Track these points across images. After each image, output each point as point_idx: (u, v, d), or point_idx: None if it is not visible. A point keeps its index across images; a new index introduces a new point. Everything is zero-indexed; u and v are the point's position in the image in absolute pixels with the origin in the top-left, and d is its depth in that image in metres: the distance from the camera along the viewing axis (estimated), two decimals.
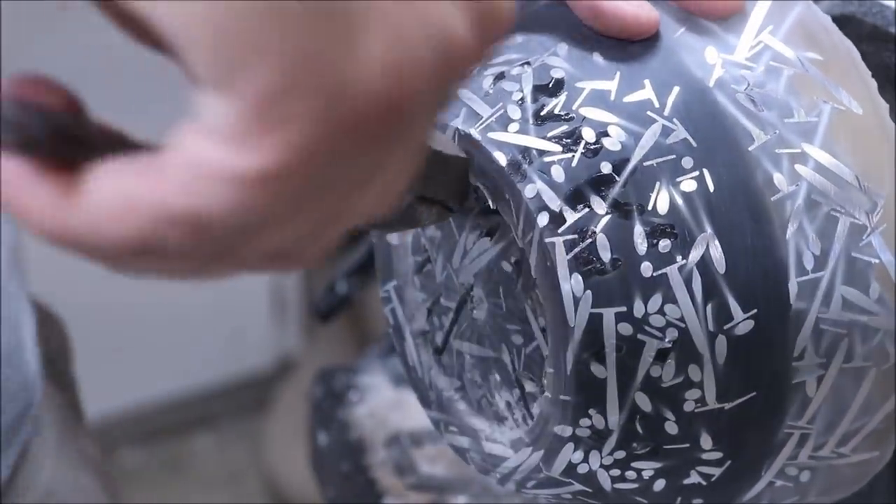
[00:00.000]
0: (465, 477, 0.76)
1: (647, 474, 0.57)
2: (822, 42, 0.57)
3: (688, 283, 0.54)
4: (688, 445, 0.57)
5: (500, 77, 0.58)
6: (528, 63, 0.58)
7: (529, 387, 0.59)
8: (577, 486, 0.59)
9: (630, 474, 0.58)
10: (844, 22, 0.62)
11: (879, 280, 0.56)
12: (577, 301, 0.55)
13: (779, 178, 0.55)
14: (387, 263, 0.64)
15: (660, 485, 0.58)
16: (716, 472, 0.58)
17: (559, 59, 0.58)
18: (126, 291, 1.90)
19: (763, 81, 0.56)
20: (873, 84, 0.57)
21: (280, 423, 1.80)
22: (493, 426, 0.61)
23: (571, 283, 0.55)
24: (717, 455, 0.57)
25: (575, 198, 0.55)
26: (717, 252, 0.55)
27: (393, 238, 0.63)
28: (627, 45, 0.57)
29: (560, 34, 0.59)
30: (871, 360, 0.57)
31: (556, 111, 0.56)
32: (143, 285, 0.57)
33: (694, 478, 0.58)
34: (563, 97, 0.56)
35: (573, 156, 0.55)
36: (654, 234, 0.54)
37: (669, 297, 0.54)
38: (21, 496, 0.71)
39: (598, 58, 0.57)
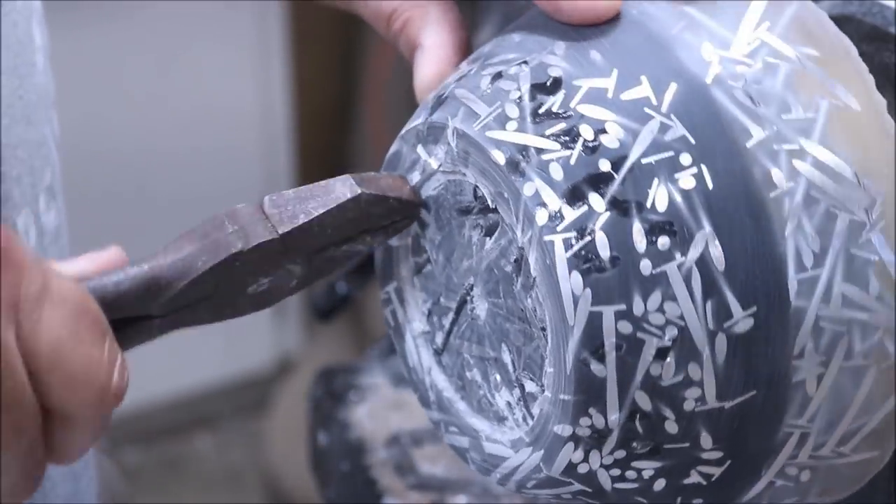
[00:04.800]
0: (465, 477, 0.76)
1: (647, 474, 0.57)
2: (820, 38, 0.57)
3: (687, 280, 0.54)
4: (688, 444, 0.56)
5: (497, 76, 0.58)
6: (525, 62, 0.58)
7: (529, 386, 0.59)
8: (578, 486, 0.58)
9: (630, 474, 0.57)
10: (844, 22, 0.62)
11: (879, 277, 0.56)
12: (576, 299, 0.54)
13: (777, 175, 0.55)
14: (386, 265, 0.64)
15: (660, 484, 0.58)
16: (716, 471, 0.57)
17: (557, 57, 0.58)
18: None
19: (760, 78, 0.56)
20: (871, 80, 0.57)
21: (280, 423, 1.80)
22: (493, 426, 0.61)
23: (571, 282, 0.54)
24: (718, 454, 0.57)
25: (573, 195, 0.55)
26: (716, 250, 0.54)
27: (393, 240, 0.63)
28: (625, 43, 0.57)
29: (557, 33, 0.59)
30: (870, 358, 0.56)
31: (554, 109, 0.56)
32: None
33: (694, 477, 0.58)
34: (560, 95, 0.56)
35: (571, 153, 0.55)
36: (652, 232, 0.54)
37: (669, 295, 0.54)
38: None
39: (595, 55, 0.57)
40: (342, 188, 0.57)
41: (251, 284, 0.57)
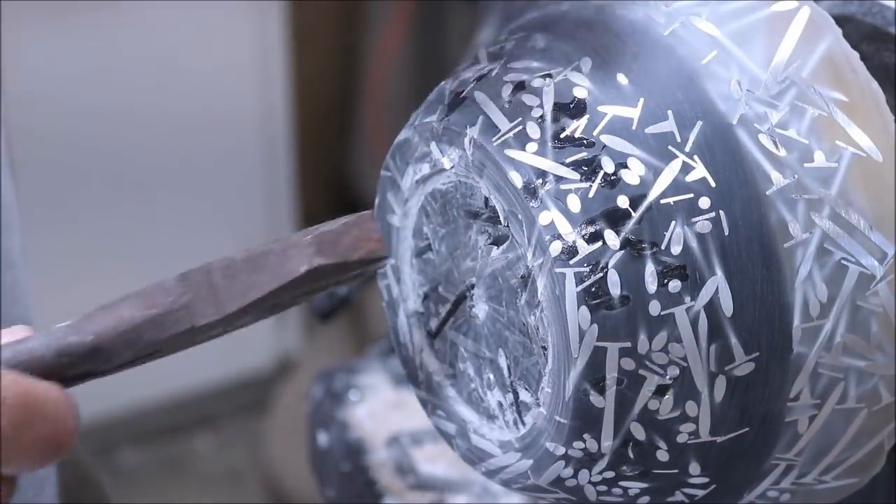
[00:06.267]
0: (465, 477, 0.77)
1: (632, 492, 0.58)
2: (849, 82, 0.56)
3: (694, 324, 0.54)
4: (676, 471, 0.57)
5: (520, 87, 0.57)
6: (549, 76, 0.57)
7: (524, 395, 0.59)
8: (563, 495, 0.59)
9: (616, 491, 0.58)
10: (844, 22, 0.62)
11: (881, 327, 0.56)
12: (582, 333, 0.54)
13: (794, 226, 0.55)
14: (385, 241, 0.64)
15: (644, 501, 0.59)
16: (700, 493, 0.58)
17: (582, 75, 0.57)
18: (126, 291, 1.86)
19: (786, 122, 0.55)
20: (893, 127, 0.57)
21: (280, 423, 1.79)
22: (482, 420, 0.61)
23: (579, 316, 0.54)
24: (704, 480, 0.58)
25: (589, 230, 0.54)
26: (725, 296, 0.54)
27: (394, 219, 0.63)
28: (653, 69, 0.56)
29: (584, 46, 0.58)
30: (863, 401, 0.57)
31: (577, 135, 0.55)
32: (142, 284, 0.57)
33: (678, 497, 0.59)
34: (584, 120, 0.56)
35: (591, 186, 0.55)
36: (665, 275, 0.54)
37: (674, 337, 0.54)
38: None
39: (622, 79, 0.56)
40: (298, 259, 0.53)
41: (193, 342, 0.56)
